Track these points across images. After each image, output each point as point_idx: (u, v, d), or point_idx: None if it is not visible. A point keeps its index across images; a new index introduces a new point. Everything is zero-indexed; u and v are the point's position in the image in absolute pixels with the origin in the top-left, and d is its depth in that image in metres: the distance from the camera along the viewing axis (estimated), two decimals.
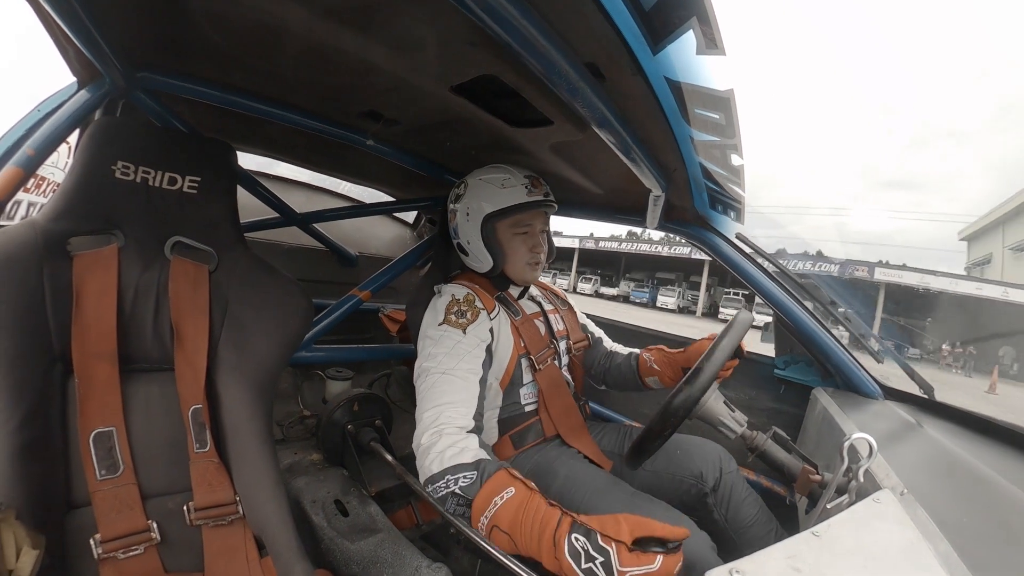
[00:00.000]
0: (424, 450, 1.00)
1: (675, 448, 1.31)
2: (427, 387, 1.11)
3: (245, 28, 0.94)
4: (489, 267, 1.33)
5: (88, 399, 0.86)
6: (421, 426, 1.05)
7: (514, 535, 0.83)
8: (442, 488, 0.93)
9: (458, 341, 1.17)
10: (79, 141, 0.96)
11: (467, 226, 1.32)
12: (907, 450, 0.96)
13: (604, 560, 0.71)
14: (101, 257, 0.91)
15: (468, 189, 1.33)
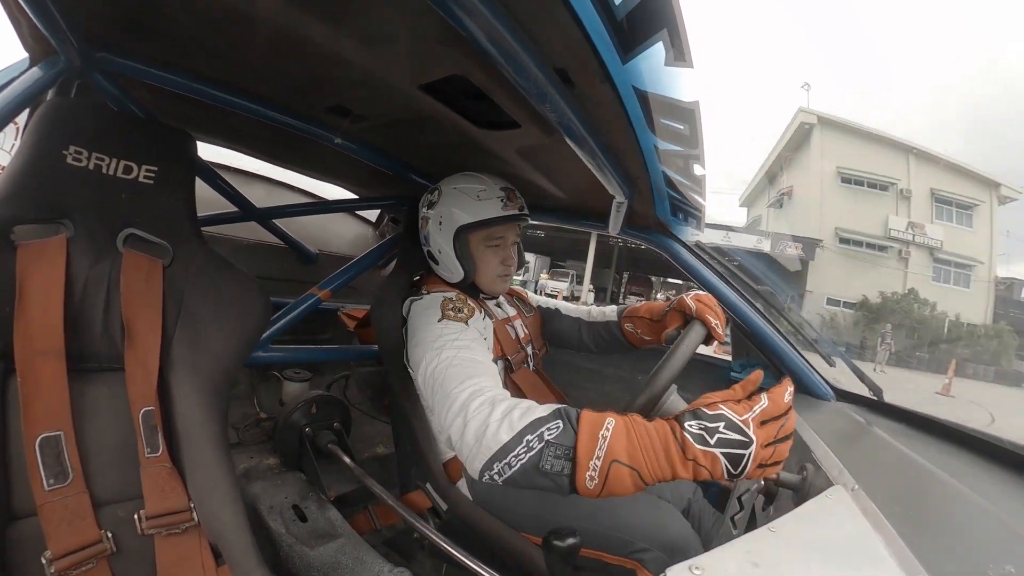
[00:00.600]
0: (478, 427, 0.84)
1: None
2: (446, 369, 0.99)
3: (213, 12, 0.90)
4: (459, 278, 1.31)
5: (33, 401, 0.80)
6: (457, 406, 0.90)
7: (636, 463, 0.74)
8: (523, 454, 0.78)
9: (461, 331, 1.12)
10: (28, 122, 0.90)
11: (439, 235, 1.28)
12: (857, 449, 1.02)
13: (725, 423, 0.71)
14: (48, 248, 0.86)
15: (442, 197, 1.30)
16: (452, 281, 1.34)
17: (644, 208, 1.40)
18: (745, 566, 0.50)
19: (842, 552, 0.54)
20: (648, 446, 0.74)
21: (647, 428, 0.76)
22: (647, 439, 0.74)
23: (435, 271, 1.37)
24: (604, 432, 0.76)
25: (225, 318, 1.02)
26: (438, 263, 1.33)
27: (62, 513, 0.78)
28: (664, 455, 0.73)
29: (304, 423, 1.52)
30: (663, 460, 0.73)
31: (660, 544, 1.02)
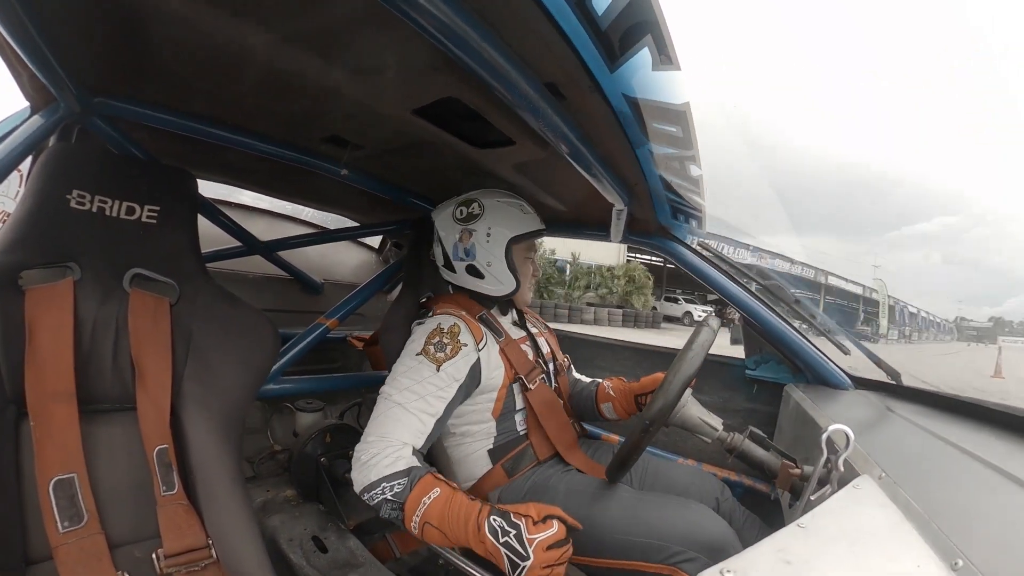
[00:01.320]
0: (362, 464, 1.05)
1: (664, 477, 1.31)
2: (380, 412, 1.12)
3: (205, 54, 0.92)
4: (511, 288, 1.32)
5: (45, 444, 0.80)
6: (363, 444, 1.08)
7: (443, 527, 0.95)
8: (377, 496, 1.01)
9: (427, 377, 1.14)
10: (31, 169, 0.92)
11: (488, 247, 1.29)
12: (881, 435, 1.00)
13: (516, 532, 0.88)
14: (56, 292, 0.87)
15: (486, 211, 1.30)
16: (499, 294, 1.33)
17: (644, 214, 1.40)
18: (777, 565, 0.49)
19: (874, 543, 0.53)
20: (455, 518, 0.94)
21: (460, 504, 0.96)
22: (455, 513, 0.95)
23: (474, 287, 1.35)
24: (426, 499, 0.97)
25: (234, 353, 1.02)
26: (484, 277, 1.32)
27: (77, 555, 0.78)
28: (464, 529, 0.93)
29: (319, 453, 1.51)
30: (461, 531, 0.93)
31: (698, 546, 0.99)
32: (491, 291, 1.34)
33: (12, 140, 1.00)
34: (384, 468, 1.02)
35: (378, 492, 1.01)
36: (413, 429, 1.11)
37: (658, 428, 1.00)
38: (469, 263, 1.32)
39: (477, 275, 1.32)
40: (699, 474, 1.34)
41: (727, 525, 1.05)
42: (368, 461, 1.04)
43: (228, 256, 1.89)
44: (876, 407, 1.21)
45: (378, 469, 1.02)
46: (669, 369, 1.02)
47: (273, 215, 2.43)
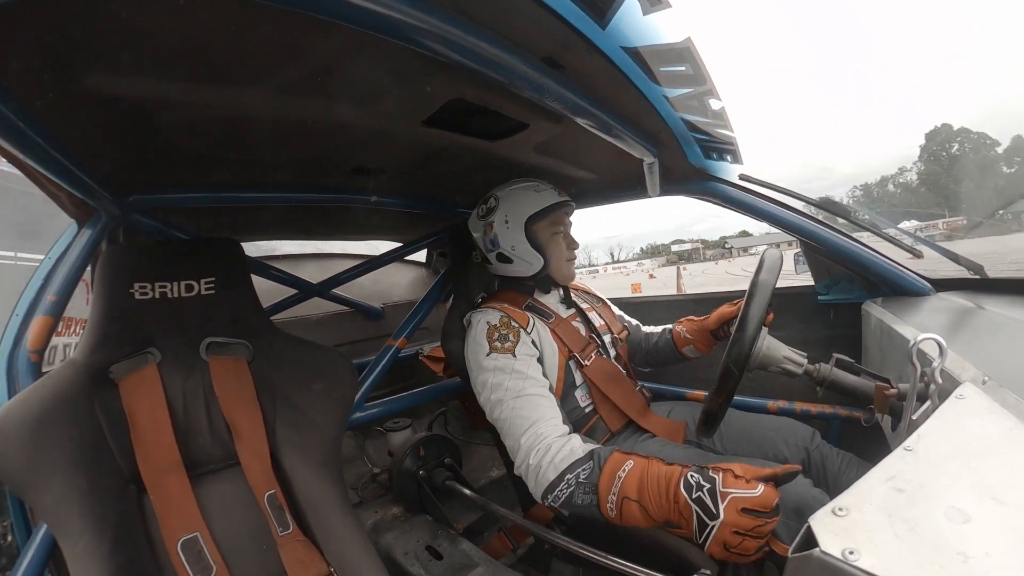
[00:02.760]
0: (533, 468, 1.05)
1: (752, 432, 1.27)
2: (507, 416, 1.14)
3: (215, 126, 0.98)
4: (539, 267, 1.36)
5: (167, 512, 0.89)
6: (521, 453, 1.09)
7: (643, 499, 0.88)
8: (565, 489, 0.99)
9: (514, 365, 1.18)
10: (93, 275, 1.00)
11: (508, 232, 1.35)
12: (975, 336, 0.92)
13: (710, 486, 0.79)
14: (144, 377, 0.95)
15: (500, 201, 1.37)
16: (530, 273, 1.38)
17: (676, 161, 1.35)
18: (890, 495, 0.46)
19: (990, 454, 0.49)
20: (654, 487, 0.87)
21: (659, 471, 0.89)
22: (654, 482, 0.88)
23: (508, 272, 1.41)
24: (621, 473, 0.93)
25: (317, 393, 1.08)
26: (512, 261, 1.37)
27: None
28: (665, 496, 0.85)
29: (416, 467, 1.57)
30: (664, 500, 0.85)
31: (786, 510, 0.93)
32: (522, 272, 1.38)
33: (70, 257, 1.10)
34: (561, 461, 1.02)
35: (564, 486, 1.00)
36: (550, 413, 1.12)
37: (740, 374, 0.97)
38: (498, 252, 1.38)
39: (507, 260, 1.38)
40: (785, 424, 1.28)
41: (808, 483, 0.99)
42: (540, 462, 1.04)
43: (289, 305, 1.98)
44: (963, 308, 1.11)
45: (555, 464, 1.02)
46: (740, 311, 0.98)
47: (320, 256, 2.53)
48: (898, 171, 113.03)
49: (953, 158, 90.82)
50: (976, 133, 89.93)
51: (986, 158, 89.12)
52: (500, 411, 1.15)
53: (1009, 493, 0.43)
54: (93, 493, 0.82)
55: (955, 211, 47.72)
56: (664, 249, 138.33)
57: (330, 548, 0.97)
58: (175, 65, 0.76)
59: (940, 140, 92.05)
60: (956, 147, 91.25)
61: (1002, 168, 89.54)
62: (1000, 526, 0.40)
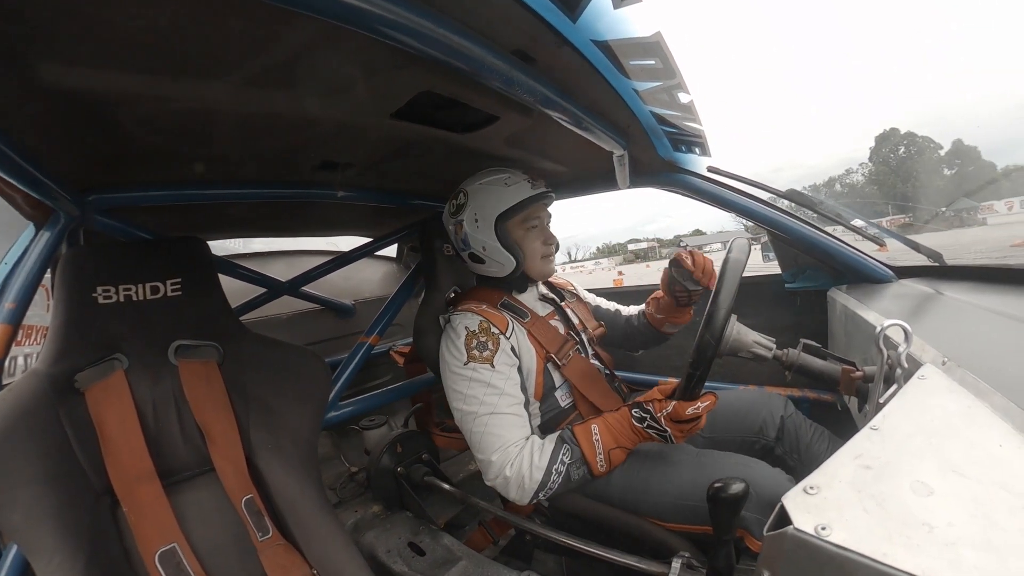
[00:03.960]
0: (515, 479, 1.10)
1: (727, 410, 1.31)
2: (480, 432, 1.15)
3: (176, 121, 0.94)
4: (512, 268, 1.31)
5: (142, 523, 0.86)
6: (494, 468, 1.12)
7: (620, 441, 1.09)
8: (556, 479, 1.09)
9: (491, 378, 1.17)
10: (53, 280, 0.96)
11: (478, 232, 1.29)
12: (935, 320, 0.96)
13: (650, 418, 1.04)
14: (111, 385, 0.92)
15: (470, 197, 1.31)
16: (502, 274, 1.34)
17: (645, 153, 1.37)
18: (858, 472, 0.48)
19: (951, 431, 0.51)
20: (620, 430, 1.09)
21: (614, 419, 1.11)
22: (618, 427, 1.09)
23: (481, 272, 1.38)
24: (594, 436, 1.10)
25: (290, 393, 1.06)
26: (484, 262, 1.33)
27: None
28: (628, 431, 1.08)
29: (394, 464, 1.56)
30: (631, 434, 1.08)
31: (760, 507, 0.97)
32: (495, 272, 1.35)
33: (28, 261, 1.05)
34: (540, 459, 1.09)
35: (555, 476, 1.08)
36: (518, 425, 1.16)
37: (710, 360, 0.99)
38: (469, 251, 1.34)
39: (479, 260, 1.34)
40: (761, 395, 1.34)
41: (788, 478, 1.03)
42: (518, 472, 1.09)
43: (258, 304, 1.94)
44: (923, 293, 1.17)
45: (538, 465, 1.09)
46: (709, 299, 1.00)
47: (289, 254, 2.49)
48: (845, 172, 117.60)
49: (900, 160, 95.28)
50: (921, 137, 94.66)
51: (929, 160, 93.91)
52: (472, 425, 1.16)
53: (969, 467, 0.46)
54: (63, 508, 0.78)
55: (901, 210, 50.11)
56: (620, 248, 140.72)
57: (312, 550, 0.95)
58: (135, 57, 0.72)
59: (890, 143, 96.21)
60: (903, 150, 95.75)
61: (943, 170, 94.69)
62: (962, 497, 0.42)
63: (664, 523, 1.09)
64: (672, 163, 1.44)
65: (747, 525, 0.97)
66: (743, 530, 0.98)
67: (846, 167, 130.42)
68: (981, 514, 0.40)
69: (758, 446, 1.26)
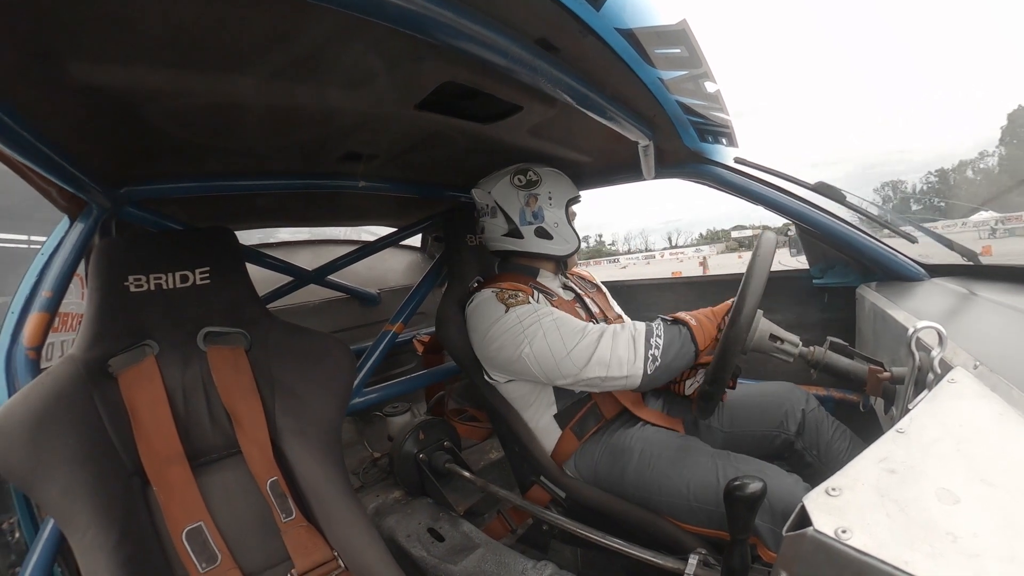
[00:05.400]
0: (626, 337, 1.12)
1: (749, 403, 1.31)
2: (556, 331, 1.15)
3: (203, 115, 0.96)
4: (574, 247, 1.40)
5: (170, 502, 0.89)
6: (591, 340, 1.13)
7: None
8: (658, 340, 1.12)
9: (537, 307, 1.20)
10: (87, 270, 0.99)
11: (551, 210, 1.37)
12: (968, 322, 0.93)
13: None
14: (142, 370, 0.95)
15: (543, 177, 1.38)
16: (565, 252, 1.40)
17: (671, 144, 1.34)
18: (882, 476, 0.46)
19: (980, 437, 0.50)
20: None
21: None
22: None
23: (541, 249, 1.39)
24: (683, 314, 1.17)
25: (316, 379, 1.08)
26: (552, 238, 1.38)
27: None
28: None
29: (416, 451, 1.58)
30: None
31: (773, 516, 0.96)
32: (558, 250, 1.39)
33: (63, 252, 1.09)
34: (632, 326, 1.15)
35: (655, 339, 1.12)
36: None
37: (735, 355, 0.97)
38: (539, 226, 1.37)
39: (546, 236, 1.37)
40: (784, 387, 1.33)
41: (805, 486, 1.00)
42: (626, 332, 1.13)
43: (285, 293, 1.98)
44: (956, 293, 1.12)
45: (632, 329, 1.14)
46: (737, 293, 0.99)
47: (315, 243, 2.52)
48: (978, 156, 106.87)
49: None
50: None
51: None
52: (539, 338, 1.15)
53: (998, 476, 0.44)
54: (97, 486, 0.82)
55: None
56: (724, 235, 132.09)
57: (333, 533, 0.98)
58: (162, 53, 0.74)
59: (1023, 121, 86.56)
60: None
61: None
62: (989, 507, 0.41)
63: (679, 523, 1.08)
64: (699, 154, 1.41)
65: (760, 534, 0.96)
66: (756, 538, 0.96)
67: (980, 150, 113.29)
68: (1009, 526, 0.39)
69: (779, 440, 1.24)
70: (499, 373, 1.30)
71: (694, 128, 1.26)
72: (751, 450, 1.16)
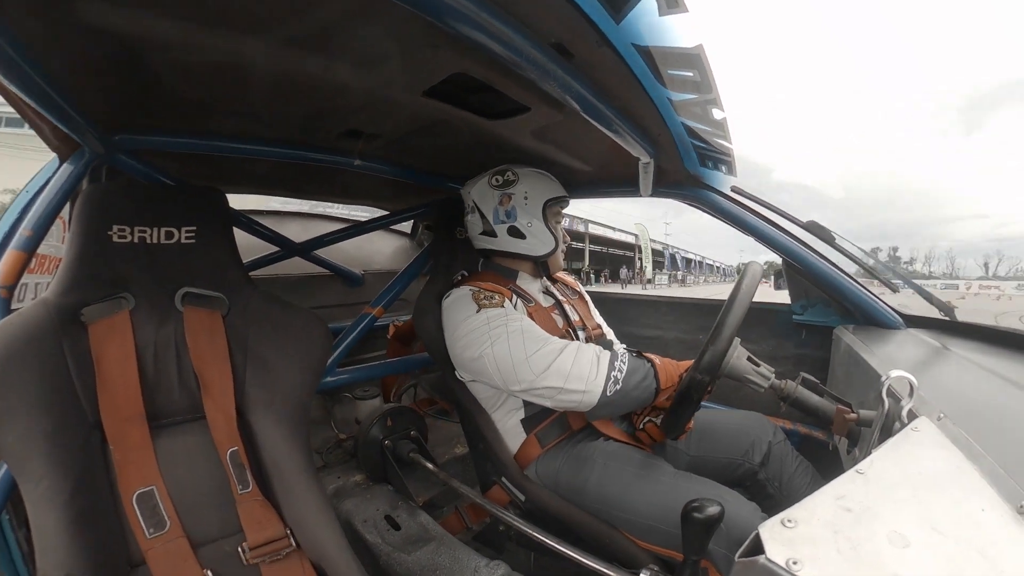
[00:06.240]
0: (590, 354, 1.13)
1: (717, 429, 1.32)
2: (520, 339, 1.15)
3: (210, 73, 0.94)
4: (551, 248, 1.38)
5: (125, 463, 0.87)
6: (551, 351, 1.13)
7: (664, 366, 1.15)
8: (622, 365, 1.12)
9: (508, 311, 1.20)
10: (71, 213, 0.97)
11: (526, 209, 1.36)
12: (937, 374, 0.96)
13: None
14: (115, 323, 0.93)
15: (520, 177, 1.37)
16: (540, 252, 1.38)
17: (672, 164, 1.36)
18: (838, 513, 0.48)
19: (937, 487, 0.51)
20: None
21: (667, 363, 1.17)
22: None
23: (515, 248, 1.39)
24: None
25: (290, 354, 1.07)
26: (525, 237, 1.37)
27: (165, 557, 0.85)
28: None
29: (382, 437, 1.57)
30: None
31: (729, 543, 0.96)
32: (532, 251, 1.38)
33: (48, 192, 1.06)
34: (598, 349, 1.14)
35: (619, 365, 1.11)
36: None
37: (709, 380, 0.99)
38: (511, 225, 1.37)
39: (519, 236, 1.37)
40: (751, 417, 1.35)
41: (763, 516, 1.01)
42: (589, 349, 1.13)
43: (269, 262, 1.95)
44: (930, 346, 1.16)
45: (597, 351, 1.14)
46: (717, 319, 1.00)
47: (305, 216, 2.50)
48: None
49: None
50: None
51: None
52: (503, 344, 1.15)
53: (949, 526, 0.45)
54: (57, 436, 0.80)
55: None
56: None
57: (290, 509, 0.97)
58: (176, 5, 0.73)
59: None
60: None
61: None
62: (937, 555, 0.42)
63: (635, 539, 1.09)
64: (697, 178, 1.43)
65: (713, 558, 0.97)
66: (708, 561, 0.97)
67: None
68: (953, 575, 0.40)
69: (742, 469, 1.26)
70: (463, 372, 1.30)
71: (696, 152, 1.27)
72: (714, 475, 1.17)
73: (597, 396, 1.08)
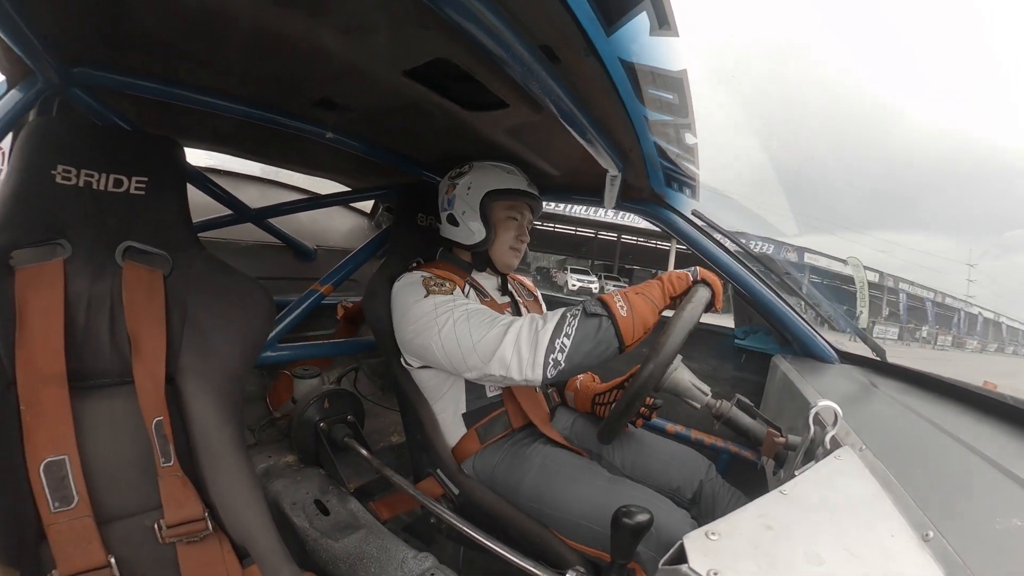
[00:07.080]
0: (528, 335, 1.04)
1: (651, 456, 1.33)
2: (466, 322, 1.11)
3: (187, 16, 0.88)
4: (479, 239, 1.34)
5: (37, 426, 0.79)
6: (496, 335, 1.06)
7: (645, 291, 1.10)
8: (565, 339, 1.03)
9: (450, 299, 1.17)
10: (12, 145, 0.89)
11: (466, 198, 1.34)
12: (863, 409, 1.02)
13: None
14: (45, 271, 0.85)
15: (473, 170, 1.36)
16: (470, 242, 1.36)
17: (638, 180, 1.39)
18: (759, 529, 0.50)
19: (852, 511, 0.55)
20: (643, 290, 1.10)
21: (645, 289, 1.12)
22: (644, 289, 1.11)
23: (451, 236, 1.39)
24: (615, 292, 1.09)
25: (230, 323, 1.02)
26: (458, 224, 1.36)
27: (68, 535, 0.78)
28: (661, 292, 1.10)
29: (318, 419, 1.53)
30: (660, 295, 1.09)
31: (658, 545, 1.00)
32: (462, 239, 1.37)
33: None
34: (544, 325, 1.05)
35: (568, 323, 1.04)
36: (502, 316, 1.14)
37: (649, 391, 1.02)
38: (449, 212, 1.37)
39: (454, 223, 1.37)
40: (684, 453, 1.34)
41: (691, 523, 1.05)
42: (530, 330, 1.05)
43: (220, 225, 1.87)
44: (860, 382, 1.23)
45: (544, 320, 1.06)
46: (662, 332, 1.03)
47: (264, 182, 2.39)
48: None
49: None
50: None
51: None
52: (449, 326, 1.11)
53: (862, 548, 0.49)
54: None
55: None
56: None
57: (217, 487, 0.92)
58: None
59: None
60: None
61: None
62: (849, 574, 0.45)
63: (564, 538, 1.11)
64: (661, 197, 1.47)
65: (642, 561, 1.00)
66: (636, 564, 1.00)
67: None
68: None
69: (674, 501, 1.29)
70: (413, 358, 1.29)
71: (663, 172, 1.31)
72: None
73: (539, 381, 1.06)
